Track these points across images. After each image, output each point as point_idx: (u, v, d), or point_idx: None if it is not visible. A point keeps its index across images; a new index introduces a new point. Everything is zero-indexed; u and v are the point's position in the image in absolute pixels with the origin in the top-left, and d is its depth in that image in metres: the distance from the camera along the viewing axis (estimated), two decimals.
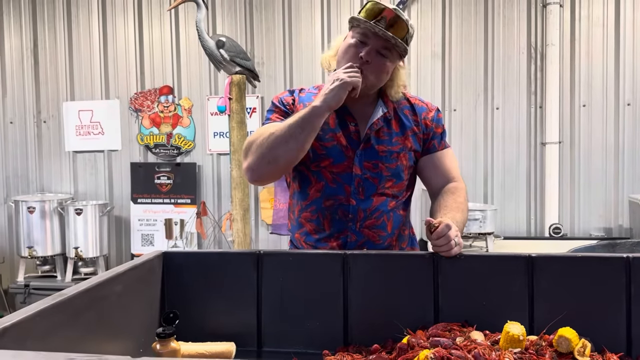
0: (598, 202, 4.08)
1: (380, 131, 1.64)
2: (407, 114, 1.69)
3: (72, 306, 1.07)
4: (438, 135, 1.71)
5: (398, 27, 1.52)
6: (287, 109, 1.67)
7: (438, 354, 1.13)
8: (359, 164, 1.62)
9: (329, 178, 1.63)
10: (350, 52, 1.57)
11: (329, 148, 1.62)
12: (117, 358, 0.71)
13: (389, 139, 1.65)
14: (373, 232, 1.63)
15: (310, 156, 1.62)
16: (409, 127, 1.67)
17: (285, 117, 1.62)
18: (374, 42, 1.53)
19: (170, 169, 4.56)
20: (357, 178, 1.62)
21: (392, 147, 1.64)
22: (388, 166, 1.63)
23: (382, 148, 1.63)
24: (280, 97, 1.71)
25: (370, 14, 1.52)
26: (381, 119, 1.64)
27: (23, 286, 4.23)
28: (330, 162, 1.62)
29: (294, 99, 1.69)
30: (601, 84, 4.05)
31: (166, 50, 4.57)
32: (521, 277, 1.36)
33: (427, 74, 4.26)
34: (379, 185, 1.63)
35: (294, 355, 1.33)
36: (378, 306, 1.42)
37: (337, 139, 1.63)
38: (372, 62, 1.53)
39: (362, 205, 1.62)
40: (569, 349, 1.21)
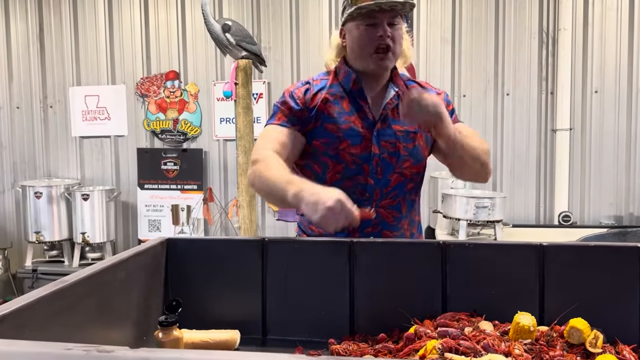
0: (609, 190, 4.04)
1: (395, 110, 1.63)
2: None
3: (73, 293, 1.05)
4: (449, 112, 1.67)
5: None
6: (297, 104, 1.63)
7: (446, 345, 1.10)
8: (377, 143, 1.62)
9: (348, 160, 1.62)
10: (365, 40, 1.56)
11: (345, 130, 1.62)
12: (114, 348, 0.68)
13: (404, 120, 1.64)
14: (388, 212, 1.64)
15: (327, 141, 1.62)
16: None
17: (291, 118, 1.62)
18: (382, 17, 1.53)
19: (177, 155, 4.55)
20: (376, 157, 1.62)
21: (408, 127, 1.64)
22: (405, 146, 1.63)
23: (398, 127, 1.64)
24: (292, 90, 1.67)
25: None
26: (395, 97, 1.64)
27: (31, 271, 4.26)
28: (349, 144, 1.61)
29: (309, 89, 1.66)
30: (614, 70, 3.98)
31: (172, 35, 4.53)
32: (532, 266, 1.33)
33: (437, 59, 4.20)
34: (396, 165, 1.63)
35: (299, 344, 1.31)
36: (385, 295, 1.39)
37: (353, 122, 1.62)
38: (391, 36, 1.54)
39: (380, 184, 1.63)
40: (581, 340, 1.18)
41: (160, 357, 0.67)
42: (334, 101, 1.64)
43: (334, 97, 1.65)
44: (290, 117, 1.63)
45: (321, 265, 1.43)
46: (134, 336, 1.23)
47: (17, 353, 0.70)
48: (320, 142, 1.64)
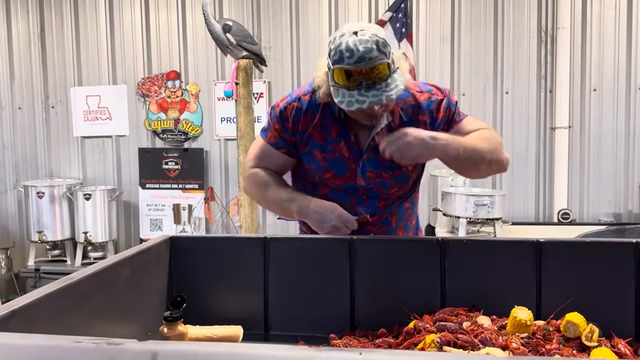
0: (608, 188, 4.05)
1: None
2: (411, 114, 1.57)
3: (80, 290, 1.08)
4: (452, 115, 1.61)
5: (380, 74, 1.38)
6: (285, 129, 1.59)
7: (445, 339, 1.13)
8: (362, 175, 1.59)
9: (335, 188, 1.62)
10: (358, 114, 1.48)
11: (331, 160, 1.58)
12: (123, 341, 0.71)
13: None
14: (378, 228, 1.64)
15: (313, 168, 1.61)
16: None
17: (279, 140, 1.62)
18: None
19: (178, 155, 4.57)
20: (362, 189, 1.60)
21: None
22: (392, 174, 1.59)
23: (383, 157, 1.53)
24: (282, 107, 1.60)
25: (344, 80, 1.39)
26: (385, 128, 1.54)
27: (33, 270, 4.28)
28: (333, 174, 1.60)
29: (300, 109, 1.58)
30: (612, 68, 4.00)
31: (173, 35, 4.55)
32: (529, 262, 1.36)
33: (436, 58, 4.21)
34: (383, 193, 1.61)
35: (301, 339, 1.34)
36: (384, 291, 1.42)
37: (339, 150, 1.58)
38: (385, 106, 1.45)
39: (368, 210, 1.61)
40: (577, 334, 1.20)
41: (168, 349, 0.69)
42: (323, 126, 1.57)
43: (324, 121, 1.57)
44: (279, 139, 1.62)
45: (322, 262, 1.45)
46: (139, 332, 1.25)
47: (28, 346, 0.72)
48: (307, 166, 1.63)
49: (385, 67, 1.38)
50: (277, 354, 0.68)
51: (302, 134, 1.59)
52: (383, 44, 1.37)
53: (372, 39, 1.36)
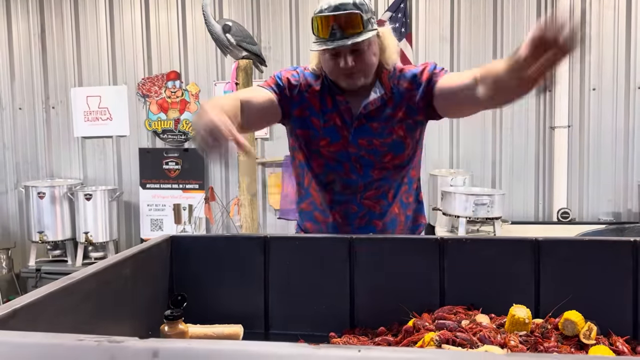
0: (607, 187, 4.06)
1: (375, 110, 1.65)
2: (402, 87, 1.65)
3: (81, 289, 1.08)
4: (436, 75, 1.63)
5: (352, 23, 1.49)
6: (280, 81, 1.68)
7: (443, 337, 1.13)
8: (354, 142, 1.65)
9: (327, 156, 1.68)
10: (330, 67, 1.59)
11: (326, 128, 1.66)
12: (124, 339, 0.71)
13: (383, 116, 1.65)
14: (374, 202, 1.68)
15: (311, 134, 1.67)
16: (401, 98, 1.65)
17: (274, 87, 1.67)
18: (342, 50, 1.53)
19: (178, 155, 4.58)
20: (353, 156, 1.66)
21: (385, 123, 1.65)
22: (383, 141, 1.65)
23: (375, 125, 1.65)
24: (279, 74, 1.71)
25: (322, 30, 1.51)
26: (378, 99, 1.64)
27: (34, 270, 4.29)
28: (327, 142, 1.67)
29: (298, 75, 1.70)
30: (611, 67, 4.00)
31: (173, 36, 4.56)
32: (527, 260, 1.36)
33: (435, 57, 4.22)
34: (376, 161, 1.65)
35: (301, 338, 1.35)
36: (384, 289, 1.42)
37: (333, 120, 1.66)
38: (354, 64, 1.55)
39: (362, 179, 1.67)
40: (575, 332, 1.21)
41: (169, 346, 0.70)
42: (321, 97, 1.67)
43: (322, 92, 1.67)
44: (274, 87, 1.67)
45: (322, 261, 1.46)
46: (140, 331, 1.26)
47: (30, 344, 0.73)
48: (304, 132, 1.68)
49: (358, 20, 1.49)
50: (276, 351, 0.69)
51: (300, 98, 1.67)
52: (360, 2, 1.51)
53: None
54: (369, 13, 1.53)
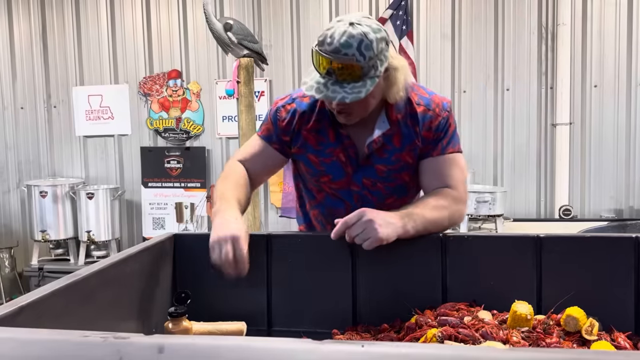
0: (609, 184, 4.06)
1: (381, 149, 1.53)
2: (409, 124, 1.52)
3: (86, 286, 1.09)
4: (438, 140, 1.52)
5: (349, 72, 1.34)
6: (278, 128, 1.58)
7: (446, 333, 1.14)
8: (357, 181, 1.57)
9: (328, 192, 1.61)
10: (325, 102, 1.48)
11: (328, 164, 1.57)
12: (130, 335, 0.72)
13: (389, 157, 1.54)
14: None
15: (310, 171, 1.60)
16: (410, 141, 1.52)
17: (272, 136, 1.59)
18: None
19: (180, 153, 4.59)
20: (356, 194, 1.59)
21: (392, 167, 1.54)
22: (387, 185, 1.57)
23: (380, 168, 1.54)
24: (279, 106, 1.59)
25: (318, 65, 1.37)
26: (382, 137, 1.52)
27: (37, 269, 4.30)
28: (330, 179, 1.58)
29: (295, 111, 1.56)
30: (613, 64, 4.00)
31: (174, 34, 4.56)
32: (529, 257, 1.36)
33: (437, 55, 4.22)
34: (379, 201, 1.56)
35: (304, 335, 1.35)
36: (386, 286, 1.43)
37: (336, 155, 1.55)
38: (347, 107, 1.42)
39: None
40: (577, 328, 1.21)
41: (174, 342, 0.71)
42: (319, 130, 1.55)
43: (322, 123, 1.55)
44: (271, 135, 1.60)
45: (324, 259, 1.46)
46: (144, 328, 1.27)
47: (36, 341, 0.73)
48: (304, 168, 1.62)
49: (356, 70, 1.33)
50: (279, 346, 0.69)
51: (296, 136, 1.57)
52: (366, 46, 1.32)
53: (360, 36, 1.32)
54: (375, 57, 1.35)
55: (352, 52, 1.32)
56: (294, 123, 1.56)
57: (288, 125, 1.57)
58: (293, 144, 1.59)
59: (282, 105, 1.59)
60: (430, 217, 1.41)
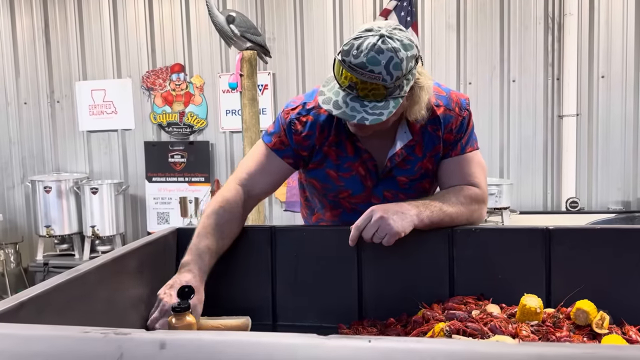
0: (616, 175, 4.02)
1: (403, 161, 1.46)
2: (431, 130, 1.45)
3: (87, 281, 1.08)
4: (457, 140, 1.47)
5: (372, 91, 1.24)
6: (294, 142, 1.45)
7: (454, 327, 1.12)
8: (378, 194, 1.50)
9: (347, 207, 1.54)
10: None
11: (347, 179, 1.49)
12: (131, 330, 0.71)
13: (411, 168, 1.47)
14: None
15: (327, 187, 1.51)
16: (431, 147, 1.46)
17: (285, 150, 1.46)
18: None
19: (184, 148, 4.57)
20: None
21: (414, 176, 1.49)
22: (409, 195, 1.48)
23: (403, 180, 1.48)
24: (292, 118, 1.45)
25: (341, 79, 1.27)
26: (405, 148, 1.44)
27: (42, 264, 4.31)
28: (349, 194, 1.50)
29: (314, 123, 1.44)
30: (620, 55, 3.95)
31: (177, 27, 4.54)
32: (538, 250, 1.34)
33: (442, 46, 4.18)
34: None
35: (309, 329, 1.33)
36: (393, 280, 1.41)
37: (356, 169, 1.47)
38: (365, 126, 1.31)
39: None
40: (587, 322, 1.19)
41: (177, 338, 0.69)
42: (338, 144, 1.45)
43: (340, 137, 1.45)
44: (285, 148, 1.47)
45: (329, 252, 1.44)
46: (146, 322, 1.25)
47: (37, 336, 0.72)
48: (320, 184, 1.53)
49: (380, 90, 1.24)
50: (284, 341, 0.67)
51: (317, 152, 1.46)
52: (395, 66, 1.21)
53: (390, 53, 1.21)
54: (402, 79, 1.25)
55: (379, 70, 1.21)
56: (313, 138, 1.44)
57: (306, 139, 1.45)
58: (312, 160, 1.48)
59: (295, 116, 1.45)
60: (447, 210, 1.36)
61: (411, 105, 1.35)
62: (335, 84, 1.30)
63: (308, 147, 1.45)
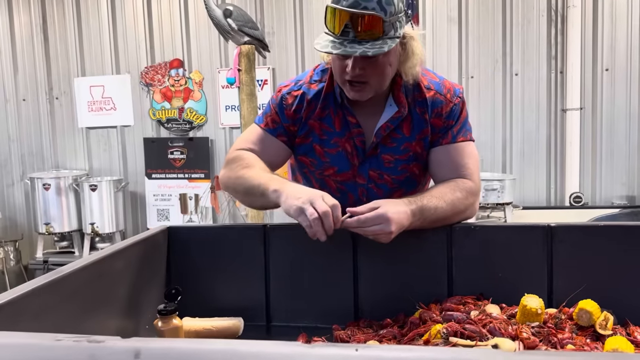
0: (620, 170, 3.97)
1: (389, 136, 1.43)
2: (419, 112, 1.42)
3: (70, 284, 1.04)
4: (448, 127, 1.43)
5: (370, 26, 1.24)
6: (285, 117, 1.46)
7: (451, 329, 1.08)
8: (364, 173, 1.47)
9: (332, 187, 1.49)
10: (336, 68, 1.37)
11: (333, 155, 1.46)
12: (105, 338, 0.67)
13: (397, 146, 1.44)
14: None
15: (314, 163, 1.49)
16: (419, 129, 1.43)
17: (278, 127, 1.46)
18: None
19: (183, 144, 4.54)
20: (361, 187, 1.48)
21: (400, 156, 1.44)
22: (395, 178, 1.47)
23: (387, 158, 1.44)
24: (284, 93, 1.47)
25: (335, 25, 1.27)
26: (390, 121, 1.41)
27: (42, 262, 4.29)
28: (335, 171, 1.47)
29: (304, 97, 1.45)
30: (625, 47, 3.89)
31: (175, 22, 4.50)
32: (540, 248, 1.30)
33: (443, 39, 4.13)
34: (383, 196, 1.43)
35: (303, 330, 1.29)
36: (389, 279, 1.37)
37: (342, 145, 1.45)
38: (364, 72, 1.30)
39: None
40: (590, 323, 1.15)
41: (151, 346, 0.65)
42: (326, 117, 1.45)
43: (327, 111, 1.44)
44: (278, 126, 1.47)
45: (324, 250, 1.40)
46: (136, 326, 1.21)
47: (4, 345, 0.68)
48: (308, 160, 1.50)
49: (378, 24, 1.24)
50: (266, 350, 0.63)
51: (303, 125, 1.46)
52: (387, 1, 1.24)
53: None
54: (395, 15, 1.26)
55: (372, 5, 1.23)
56: (302, 111, 1.45)
57: (296, 113, 1.45)
58: (298, 133, 1.47)
59: (287, 92, 1.47)
60: (442, 214, 1.32)
61: (405, 58, 1.36)
62: (328, 37, 1.30)
63: (297, 120, 1.46)
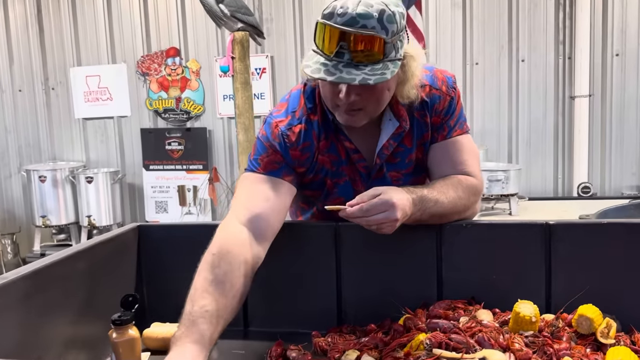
0: (631, 159, 3.85)
1: (392, 155, 1.30)
2: (419, 117, 1.30)
3: (18, 289, 0.95)
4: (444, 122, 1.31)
5: (368, 48, 1.07)
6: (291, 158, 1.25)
7: (435, 339, 0.98)
8: None
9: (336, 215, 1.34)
10: (326, 93, 1.20)
11: (341, 185, 1.32)
12: None
13: (402, 160, 1.32)
14: None
15: (321, 194, 1.34)
16: (420, 135, 1.31)
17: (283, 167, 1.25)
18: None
19: (181, 135, 4.45)
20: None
21: (407, 170, 1.33)
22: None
23: (395, 175, 1.33)
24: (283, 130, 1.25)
25: (327, 45, 1.09)
26: (393, 139, 1.28)
27: (39, 255, 4.23)
28: (342, 202, 1.24)
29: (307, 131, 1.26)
30: (636, 31, 3.76)
31: (171, 10, 4.40)
32: (537, 248, 1.20)
33: (447, 25, 4.00)
34: None
35: (282, 336, 1.21)
36: (375, 282, 1.28)
37: (348, 174, 1.31)
38: (359, 99, 1.15)
39: None
40: (591, 330, 1.06)
41: None
42: (331, 147, 1.29)
43: (330, 140, 1.28)
44: (280, 166, 1.25)
45: (305, 250, 1.32)
46: (97, 333, 1.13)
47: None
48: (315, 193, 1.35)
49: (380, 45, 1.07)
50: None
51: (313, 164, 1.28)
52: (389, 18, 1.07)
53: (379, 6, 1.07)
54: (397, 34, 1.10)
55: (372, 24, 1.06)
56: (313, 148, 1.26)
57: (305, 152, 1.26)
58: (307, 174, 1.30)
59: (286, 128, 1.26)
60: (441, 209, 1.21)
61: (404, 80, 1.20)
62: (319, 57, 1.11)
63: (307, 160, 1.27)
